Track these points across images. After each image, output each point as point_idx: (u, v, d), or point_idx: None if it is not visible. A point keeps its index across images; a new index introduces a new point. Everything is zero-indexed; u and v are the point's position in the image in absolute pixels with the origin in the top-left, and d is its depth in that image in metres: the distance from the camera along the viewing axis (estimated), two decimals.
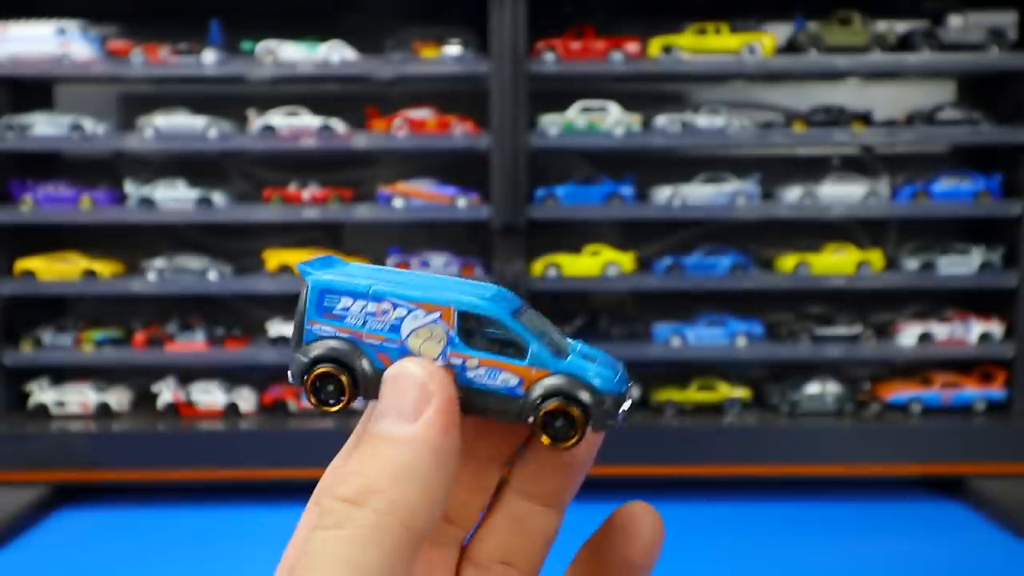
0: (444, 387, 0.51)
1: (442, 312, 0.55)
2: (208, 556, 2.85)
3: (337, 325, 0.57)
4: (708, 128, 3.34)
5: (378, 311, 0.56)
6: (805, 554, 2.90)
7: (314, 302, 0.57)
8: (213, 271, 3.40)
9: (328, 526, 0.46)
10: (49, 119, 3.34)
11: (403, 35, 3.40)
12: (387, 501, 0.46)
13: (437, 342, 0.55)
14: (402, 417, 0.49)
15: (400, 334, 0.55)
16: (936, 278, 3.37)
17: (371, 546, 0.45)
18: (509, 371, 0.55)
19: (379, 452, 0.48)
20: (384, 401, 0.50)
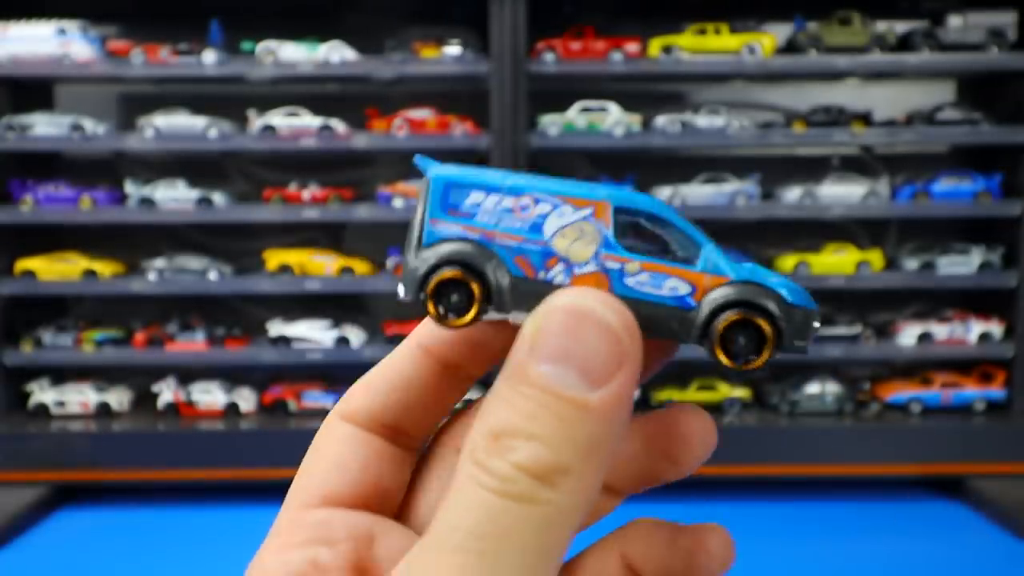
0: (638, 341, 0.41)
1: (595, 207, 0.47)
2: (208, 556, 2.85)
3: (465, 224, 0.48)
4: (708, 128, 3.34)
5: (516, 207, 0.47)
6: (805, 554, 2.90)
7: (437, 198, 0.49)
8: (213, 271, 3.40)
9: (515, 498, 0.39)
10: (49, 119, 3.34)
11: (403, 35, 3.40)
12: (576, 482, 0.39)
13: (588, 243, 0.46)
14: (591, 377, 0.40)
15: (543, 233, 0.47)
16: (936, 278, 3.37)
17: (561, 530, 0.40)
18: (678, 277, 0.47)
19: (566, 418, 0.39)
20: (558, 339, 0.40)
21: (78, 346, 3.40)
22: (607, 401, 0.40)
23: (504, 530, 0.38)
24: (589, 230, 0.46)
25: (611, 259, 0.46)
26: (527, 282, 0.47)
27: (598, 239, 0.46)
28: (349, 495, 0.50)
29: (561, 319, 0.41)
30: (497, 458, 0.39)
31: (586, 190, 0.47)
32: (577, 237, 0.46)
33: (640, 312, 0.45)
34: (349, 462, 0.50)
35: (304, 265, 3.40)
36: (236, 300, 3.62)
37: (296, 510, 0.50)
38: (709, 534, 0.50)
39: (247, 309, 3.62)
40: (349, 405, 0.52)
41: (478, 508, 0.39)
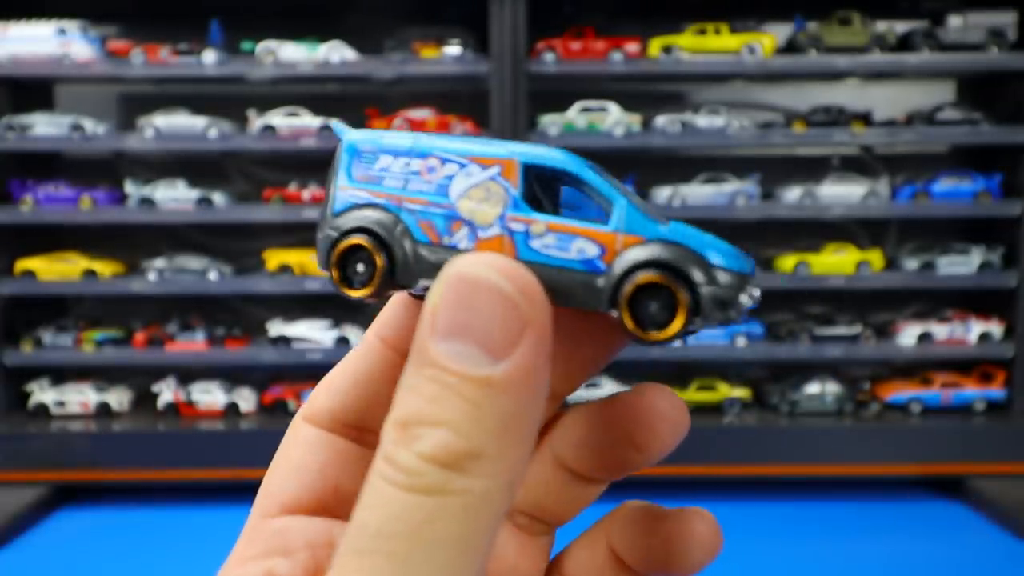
0: (542, 304, 0.37)
1: (503, 166, 0.43)
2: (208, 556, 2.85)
3: (373, 189, 0.46)
4: (708, 128, 3.34)
5: (423, 169, 0.44)
6: (805, 554, 2.90)
7: (347, 164, 0.46)
8: (213, 271, 3.40)
9: (425, 491, 0.36)
10: (49, 119, 3.34)
11: (403, 35, 3.40)
12: (492, 466, 0.36)
13: (494, 204, 0.43)
14: (492, 350, 0.36)
15: (449, 196, 0.44)
16: (936, 278, 3.37)
17: (482, 517, 0.36)
18: (587, 237, 0.42)
19: (468, 398, 0.36)
20: (453, 313, 0.37)
21: (78, 346, 3.40)
22: (512, 374, 0.36)
23: (414, 527, 0.35)
24: (495, 189, 0.43)
25: (516, 220, 0.43)
26: (432, 248, 0.44)
27: (505, 200, 0.43)
28: (308, 501, 0.48)
29: (453, 290, 0.37)
30: (403, 448, 0.36)
31: (493, 148, 0.44)
32: (484, 198, 0.43)
33: (546, 278, 0.41)
34: (308, 466, 0.49)
35: (304, 265, 3.40)
36: (236, 300, 3.62)
37: (257, 520, 0.48)
38: (693, 519, 0.48)
39: (247, 309, 3.62)
40: (312, 407, 0.50)
41: (385, 505, 0.36)
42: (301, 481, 0.48)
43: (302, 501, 0.48)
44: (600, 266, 0.42)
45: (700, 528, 0.47)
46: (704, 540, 0.47)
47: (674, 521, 0.48)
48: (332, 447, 0.49)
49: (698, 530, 0.47)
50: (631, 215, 0.42)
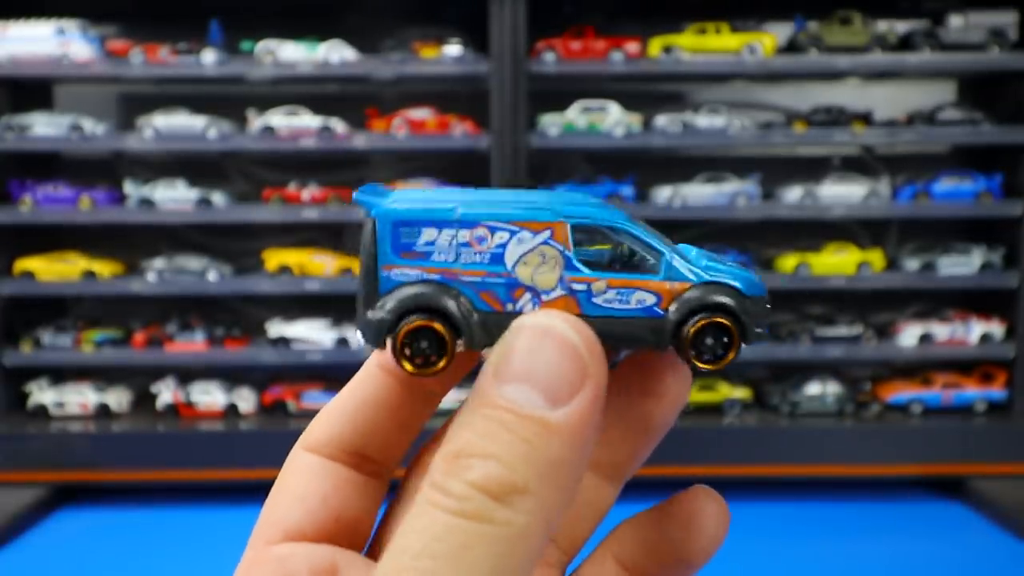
0: (600, 361, 0.40)
1: (553, 229, 0.45)
2: (208, 556, 2.85)
3: (422, 265, 0.46)
4: (708, 128, 3.34)
5: (472, 239, 0.45)
6: (805, 554, 2.90)
7: (388, 240, 0.46)
8: (213, 271, 3.40)
9: (468, 516, 0.38)
10: (49, 119, 3.34)
11: (402, 35, 3.40)
12: (536, 504, 0.38)
13: (552, 267, 0.45)
14: (552, 397, 0.39)
15: (505, 264, 0.45)
16: (937, 278, 3.37)
17: (517, 553, 0.38)
18: (643, 289, 0.46)
19: (521, 437, 0.38)
20: (521, 360, 0.39)
21: (77, 346, 3.40)
22: (568, 419, 0.39)
23: (455, 549, 0.37)
24: (551, 254, 0.45)
25: (577, 280, 0.45)
26: (496, 316, 0.45)
27: (561, 262, 0.45)
28: (311, 528, 0.48)
29: (522, 341, 0.40)
30: (453, 478, 0.38)
31: (540, 212, 0.45)
32: (540, 263, 0.45)
33: (613, 328, 0.45)
34: (310, 494, 0.49)
35: (304, 265, 3.39)
36: (236, 300, 3.61)
37: (259, 547, 0.49)
38: (696, 498, 0.49)
39: (247, 309, 3.62)
40: (312, 434, 0.51)
41: (430, 528, 0.38)
42: (304, 508, 0.49)
43: (305, 528, 0.48)
44: (659, 312, 0.46)
45: (705, 506, 0.49)
46: (711, 515, 0.48)
47: (676, 507, 0.49)
48: (334, 475, 0.50)
49: (704, 508, 0.48)
50: (677, 263, 0.47)
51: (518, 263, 0.45)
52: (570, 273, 0.45)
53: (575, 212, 0.46)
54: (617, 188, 3.36)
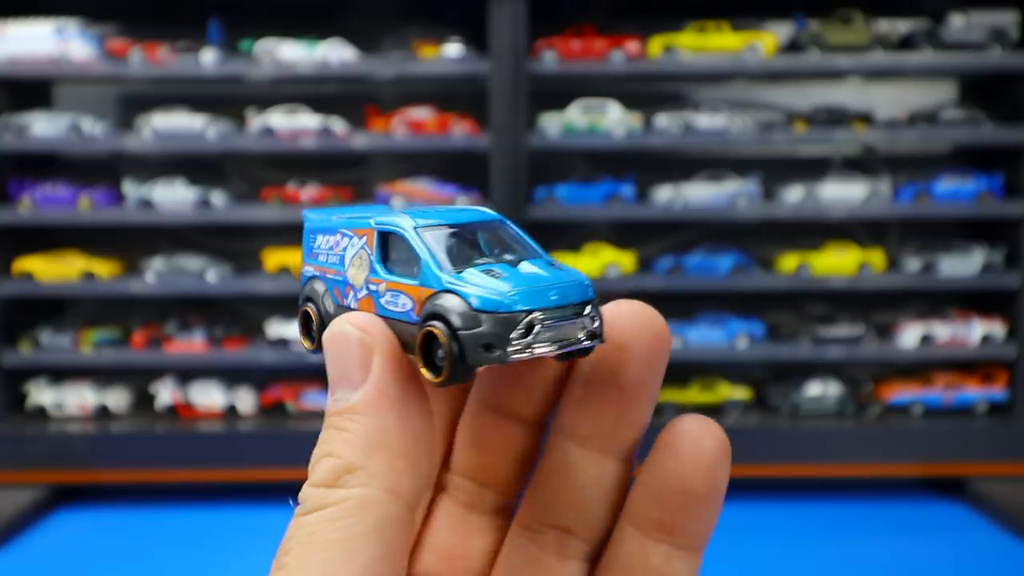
0: (383, 335, 0.45)
1: (367, 235, 0.51)
2: (208, 556, 2.84)
3: (315, 264, 0.55)
4: (708, 128, 3.33)
5: (334, 244, 0.53)
6: (806, 554, 2.89)
7: (305, 244, 0.56)
8: (212, 271, 3.39)
9: (307, 511, 0.42)
10: (48, 119, 3.33)
11: (402, 35, 3.39)
12: (366, 476, 0.42)
13: (363, 268, 0.50)
14: (351, 382, 0.44)
15: (344, 265, 0.52)
16: (938, 279, 3.36)
17: (361, 520, 0.41)
18: (406, 293, 0.48)
19: (342, 427, 0.44)
20: (330, 370, 0.46)
21: (76, 347, 3.39)
22: (368, 395, 0.44)
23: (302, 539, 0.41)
24: (364, 257, 0.50)
25: (373, 282, 0.50)
26: (339, 308, 0.52)
27: (368, 265, 0.50)
28: None
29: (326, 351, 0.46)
30: (305, 487, 0.44)
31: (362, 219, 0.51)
32: (359, 264, 0.51)
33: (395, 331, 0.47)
34: None
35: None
36: (235, 300, 3.60)
37: None
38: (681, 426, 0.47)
39: (246, 309, 3.61)
40: None
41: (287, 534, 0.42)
42: None
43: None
44: (415, 317, 0.47)
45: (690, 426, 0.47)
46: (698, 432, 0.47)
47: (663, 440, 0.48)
48: None
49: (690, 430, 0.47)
50: (429, 269, 0.46)
51: (350, 264, 0.51)
52: (371, 275, 0.50)
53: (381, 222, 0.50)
54: (617, 188, 3.35)
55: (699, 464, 0.46)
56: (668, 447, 0.47)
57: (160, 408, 3.41)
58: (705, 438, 0.46)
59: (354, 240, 0.51)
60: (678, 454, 0.46)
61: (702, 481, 0.46)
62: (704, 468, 0.46)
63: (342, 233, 0.52)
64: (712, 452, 0.46)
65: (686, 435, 0.46)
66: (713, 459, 0.46)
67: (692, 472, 0.46)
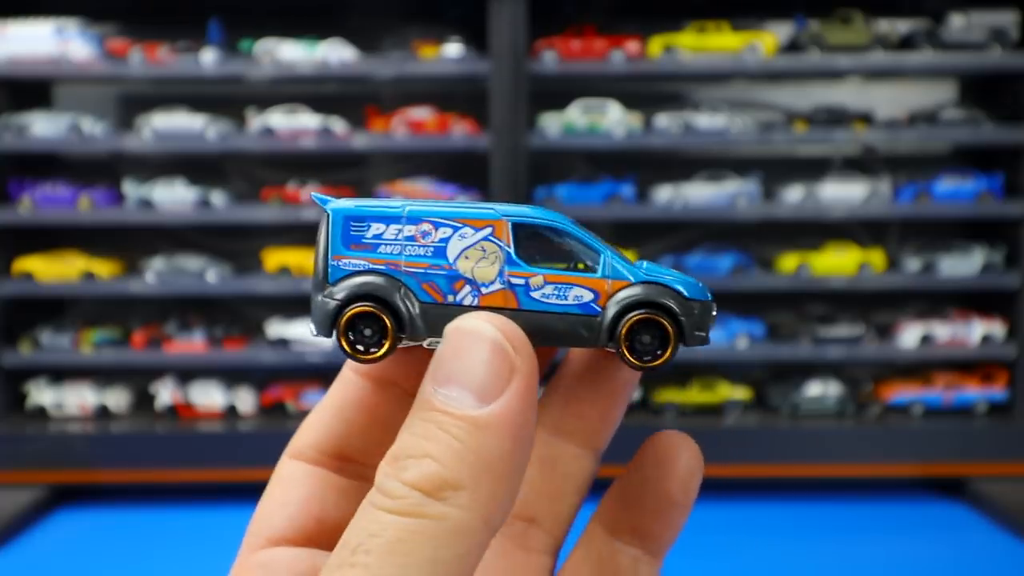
0: (529, 355, 0.42)
1: (494, 226, 0.48)
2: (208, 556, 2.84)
3: (369, 256, 0.49)
4: (708, 128, 3.33)
5: (417, 234, 0.48)
6: (805, 554, 2.89)
7: (339, 233, 0.49)
8: (212, 271, 3.39)
9: (403, 513, 0.40)
10: (48, 119, 3.33)
11: (402, 35, 3.39)
12: (470, 499, 0.40)
13: (492, 262, 0.47)
14: (480, 394, 0.41)
15: (447, 257, 0.48)
16: (938, 279, 3.36)
17: (455, 545, 0.39)
18: (581, 285, 0.48)
19: (454, 435, 0.40)
20: (451, 363, 0.42)
21: (76, 347, 3.39)
22: (496, 416, 0.41)
23: (389, 544, 0.39)
24: (491, 249, 0.47)
25: (515, 275, 0.47)
26: (437, 307, 0.48)
27: (501, 257, 0.47)
28: (292, 533, 0.49)
29: (451, 342, 0.43)
30: (391, 479, 0.41)
31: (482, 210, 0.48)
32: (481, 257, 0.47)
33: (548, 323, 0.47)
34: (290, 500, 0.50)
35: (303, 265, 3.38)
36: (235, 300, 3.60)
37: (245, 555, 0.50)
38: (667, 440, 0.51)
39: (246, 309, 3.61)
40: (296, 442, 0.53)
41: (368, 526, 0.40)
42: (284, 514, 0.50)
43: (286, 533, 0.49)
44: (596, 309, 0.47)
45: (676, 441, 0.51)
46: (684, 448, 0.51)
47: (648, 450, 0.51)
48: (315, 479, 0.51)
49: (676, 443, 0.51)
50: (615, 262, 0.48)
51: (460, 256, 0.48)
52: (510, 268, 0.47)
53: (516, 212, 0.48)
54: (617, 188, 3.35)
55: (680, 475, 0.50)
56: (652, 457, 0.50)
57: (160, 408, 3.41)
58: (687, 452, 0.51)
59: (464, 231, 0.47)
60: (662, 464, 0.50)
61: (681, 491, 0.50)
62: (684, 479, 0.50)
63: (433, 223, 0.48)
64: (691, 465, 0.51)
65: (671, 448, 0.50)
66: (692, 472, 0.50)
67: (673, 482, 0.50)
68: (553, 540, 0.52)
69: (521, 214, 0.48)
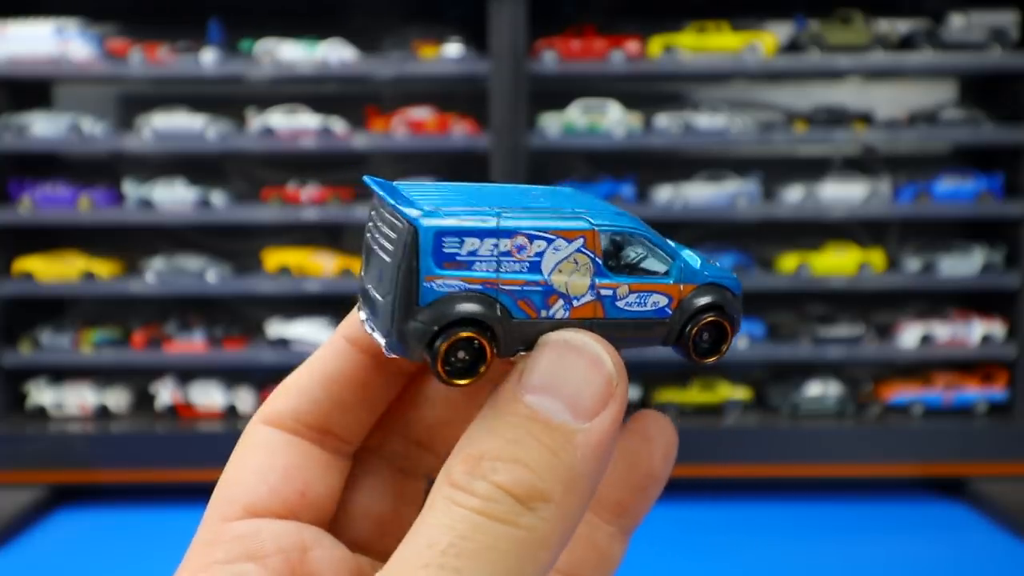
0: (625, 381, 0.43)
1: (586, 237, 0.46)
2: None
3: (465, 275, 0.45)
4: (708, 128, 3.33)
5: (512, 248, 0.45)
6: (805, 554, 2.89)
7: (430, 251, 0.44)
8: (212, 271, 3.39)
9: (494, 518, 0.38)
10: (48, 119, 3.33)
11: (402, 35, 3.39)
12: (557, 512, 0.39)
13: (584, 274, 0.46)
14: (578, 410, 0.41)
15: (542, 272, 0.46)
16: (938, 279, 3.36)
17: (538, 559, 0.39)
18: (659, 292, 0.48)
19: (548, 445, 0.40)
20: (552, 374, 0.41)
21: (76, 347, 3.39)
22: (592, 434, 0.40)
23: (481, 548, 0.38)
24: (583, 261, 0.46)
25: (605, 286, 0.47)
26: (530, 323, 0.46)
27: (592, 269, 0.46)
28: (273, 504, 0.47)
29: (552, 353, 0.42)
30: (478, 479, 0.39)
31: (575, 221, 0.46)
32: (574, 270, 0.46)
33: (628, 328, 0.47)
34: (270, 468, 0.48)
35: (303, 265, 3.38)
36: (235, 300, 3.60)
37: (216, 523, 0.47)
38: (649, 418, 0.53)
39: (246, 309, 3.61)
40: (273, 408, 0.50)
41: (456, 526, 0.38)
42: (265, 483, 0.47)
43: (267, 505, 0.47)
44: (669, 312, 0.49)
45: (655, 419, 0.53)
46: (663, 424, 0.52)
47: (631, 426, 0.52)
48: (295, 449, 0.49)
49: (655, 420, 0.53)
50: (685, 267, 0.49)
51: (554, 271, 0.46)
52: (600, 279, 0.47)
53: (608, 222, 0.47)
54: (617, 188, 3.35)
55: (664, 451, 0.52)
56: (639, 434, 0.52)
57: (160, 408, 3.41)
58: (668, 429, 0.52)
59: (558, 243, 0.46)
60: (650, 441, 0.52)
61: (663, 466, 0.52)
62: (666, 455, 0.52)
63: (528, 235, 0.45)
64: (671, 440, 0.52)
65: (654, 426, 0.52)
66: (671, 446, 0.52)
67: (658, 457, 0.52)
68: None
69: (610, 223, 0.48)
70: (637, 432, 0.52)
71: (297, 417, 0.49)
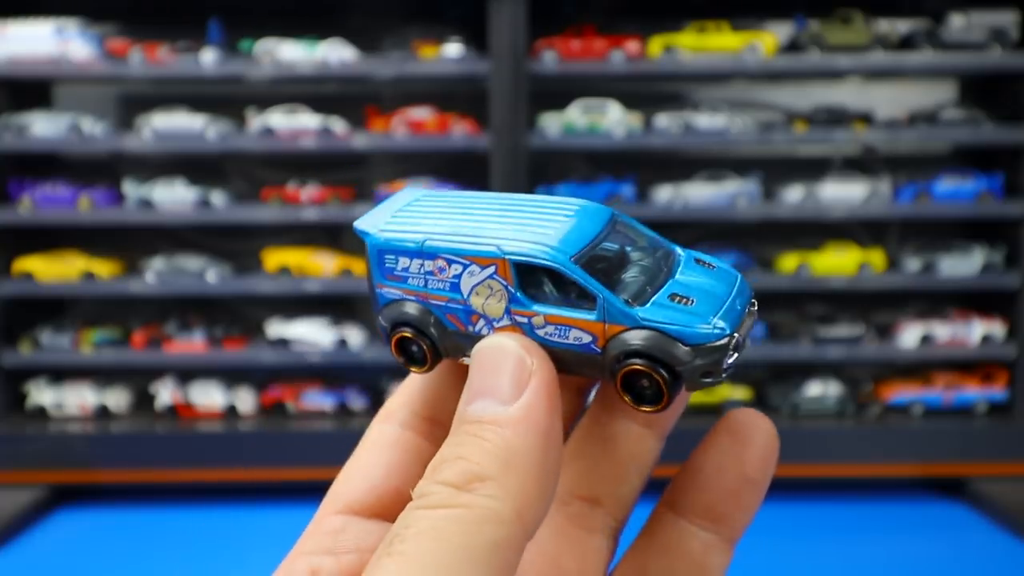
0: (544, 361, 0.45)
1: (497, 265, 0.48)
2: (208, 556, 2.84)
3: (401, 287, 0.51)
4: (708, 128, 3.33)
5: (435, 269, 0.50)
6: (805, 554, 2.89)
7: (376, 264, 0.52)
8: (212, 271, 3.39)
9: (432, 505, 0.41)
10: (48, 119, 3.33)
11: (402, 35, 3.39)
12: (498, 489, 0.41)
13: (499, 299, 0.48)
14: (501, 396, 0.43)
15: (461, 293, 0.49)
16: (938, 278, 3.36)
17: (483, 532, 0.40)
18: (579, 328, 0.47)
19: (480, 435, 0.43)
20: (477, 380, 0.45)
21: (76, 347, 3.39)
22: (517, 413, 0.43)
23: (422, 532, 0.40)
24: (497, 288, 0.48)
25: (519, 314, 0.48)
26: (462, 335, 0.51)
27: (506, 296, 0.48)
28: (371, 502, 0.50)
29: (475, 361, 0.46)
30: (427, 481, 0.43)
31: (486, 250, 0.48)
32: (489, 294, 0.49)
33: (557, 356, 0.47)
34: (375, 465, 0.51)
35: (303, 265, 3.38)
36: (235, 300, 3.60)
37: (321, 515, 0.50)
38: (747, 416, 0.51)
39: (246, 309, 3.61)
40: (389, 404, 0.53)
41: (401, 521, 0.41)
42: (366, 481, 0.51)
43: (365, 501, 0.50)
44: (596, 349, 0.48)
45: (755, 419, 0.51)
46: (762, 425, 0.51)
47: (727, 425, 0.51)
48: (403, 446, 0.52)
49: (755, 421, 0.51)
50: (611, 306, 0.47)
51: (471, 293, 0.49)
52: (514, 306, 0.48)
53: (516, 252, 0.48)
54: (617, 188, 3.35)
55: (758, 452, 0.50)
56: (729, 433, 0.51)
57: (160, 408, 3.41)
58: (764, 428, 0.51)
59: (472, 268, 0.48)
60: (741, 440, 0.50)
61: (759, 468, 0.50)
62: (762, 456, 0.50)
63: (447, 259, 0.49)
64: (769, 442, 0.50)
65: (747, 424, 0.51)
66: (770, 449, 0.50)
67: (752, 458, 0.50)
68: (614, 522, 0.52)
69: (521, 255, 0.47)
70: (727, 432, 0.51)
71: (409, 408, 0.53)
